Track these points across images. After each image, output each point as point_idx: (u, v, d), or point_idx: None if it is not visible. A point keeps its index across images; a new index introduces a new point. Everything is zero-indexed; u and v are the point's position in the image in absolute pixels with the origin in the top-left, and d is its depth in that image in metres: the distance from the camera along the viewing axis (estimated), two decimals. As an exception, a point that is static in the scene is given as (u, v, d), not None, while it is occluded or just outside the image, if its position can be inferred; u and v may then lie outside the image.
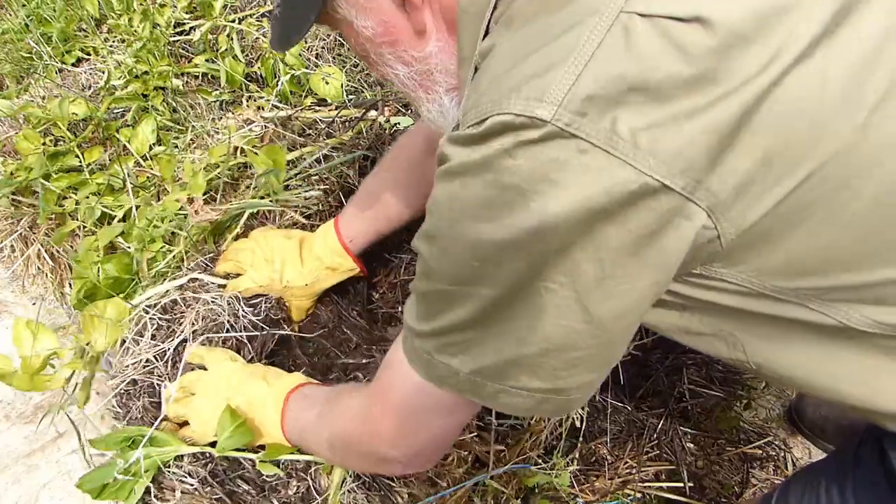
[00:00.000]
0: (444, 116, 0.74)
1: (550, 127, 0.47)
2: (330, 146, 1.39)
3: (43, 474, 1.30)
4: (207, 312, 1.10)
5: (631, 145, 0.47)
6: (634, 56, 0.47)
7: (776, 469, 1.23)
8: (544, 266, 0.51)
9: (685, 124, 0.47)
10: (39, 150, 1.46)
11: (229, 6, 1.80)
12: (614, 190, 0.47)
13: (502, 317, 0.56)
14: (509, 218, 0.50)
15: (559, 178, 0.48)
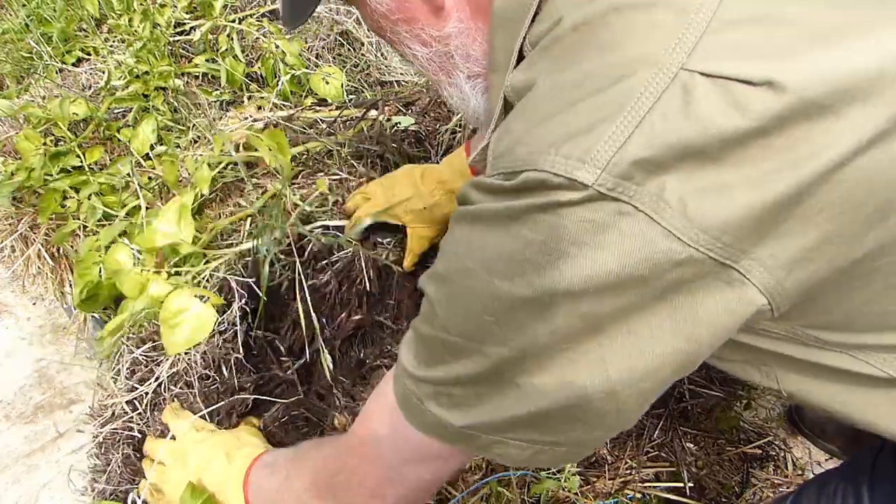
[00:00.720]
0: (466, 103, 0.70)
1: (591, 191, 0.44)
2: (334, 142, 1.39)
3: (43, 474, 1.30)
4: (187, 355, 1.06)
5: (679, 214, 0.43)
6: (692, 120, 0.43)
7: (776, 469, 1.23)
8: (566, 329, 0.48)
9: (739, 193, 0.43)
10: (40, 151, 1.46)
11: (229, 6, 1.80)
12: (655, 259, 0.44)
13: (509, 377, 0.51)
14: (535, 276, 0.46)
15: (596, 241, 0.44)
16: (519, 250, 0.47)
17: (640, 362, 0.49)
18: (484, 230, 0.50)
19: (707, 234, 0.43)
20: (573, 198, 0.44)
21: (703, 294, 0.46)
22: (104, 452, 1.04)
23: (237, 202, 1.34)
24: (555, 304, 0.47)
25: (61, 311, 1.55)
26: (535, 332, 0.48)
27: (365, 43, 1.70)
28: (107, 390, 1.09)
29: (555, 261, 0.46)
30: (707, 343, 0.48)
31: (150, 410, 1.03)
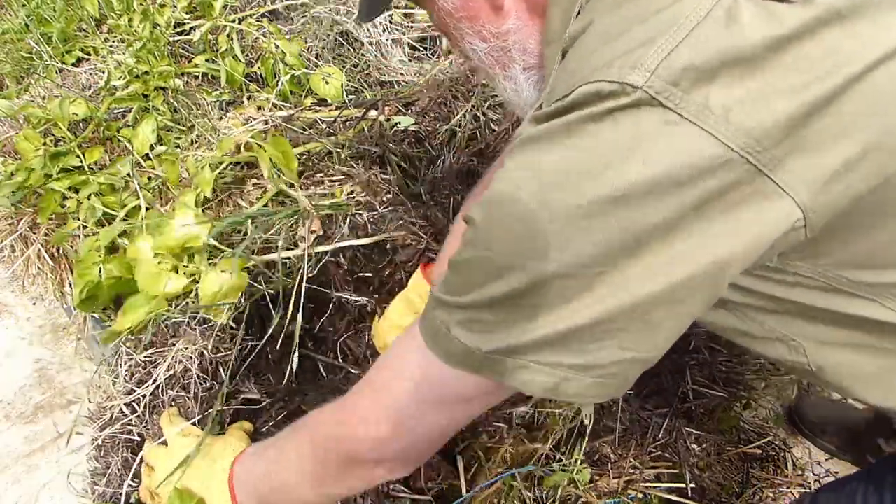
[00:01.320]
0: (519, 94, 0.74)
1: (641, 94, 0.46)
2: (334, 142, 1.39)
3: (43, 474, 1.30)
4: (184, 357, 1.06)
5: (722, 119, 0.45)
6: (734, 34, 0.46)
7: (776, 469, 1.23)
8: (608, 242, 0.49)
9: (777, 100, 0.46)
10: (40, 151, 1.46)
11: (229, 6, 1.80)
12: (700, 164, 0.46)
13: (544, 295, 0.52)
14: (584, 184, 0.48)
15: (642, 147, 0.46)
16: (571, 159, 0.49)
17: (676, 278, 0.49)
18: (538, 149, 0.51)
19: (748, 137, 0.45)
20: (623, 103, 0.47)
21: (741, 204, 0.47)
22: (103, 455, 1.04)
23: (237, 202, 1.34)
24: (600, 214, 0.48)
25: (61, 311, 1.55)
26: (579, 245, 0.49)
27: (365, 43, 1.70)
28: (105, 392, 1.09)
29: (602, 167, 0.48)
30: (741, 259, 0.49)
31: (149, 413, 1.03)
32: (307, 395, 1.13)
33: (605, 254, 0.49)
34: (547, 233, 0.50)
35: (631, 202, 0.47)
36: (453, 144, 1.42)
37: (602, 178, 0.47)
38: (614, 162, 0.47)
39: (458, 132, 1.44)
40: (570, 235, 0.49)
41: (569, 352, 0.53)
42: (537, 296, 0.52)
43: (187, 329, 1.09)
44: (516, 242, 0.52)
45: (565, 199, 0.49)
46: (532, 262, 0.51)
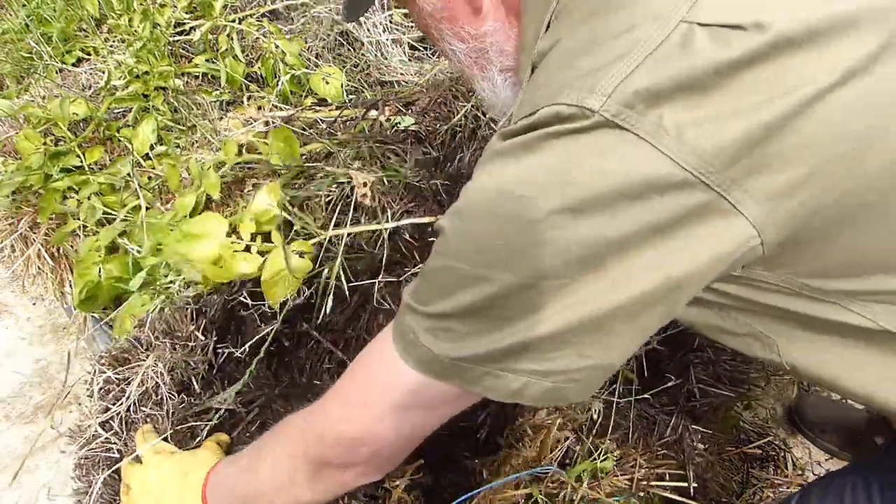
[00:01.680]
0: (497, 95, 0.76)
1: (598, 117, 0.48)
2: (334, 142, 1.39)
3: (43, 474, 1.30)
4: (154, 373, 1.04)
5: (675, 140, 0.47)
6: (688, 59, 0.48)
7: (776, 469, 1.23)
8: (567, 254, 0.51)
9: (729, 122, 0.48)
10: (40, 151, 1.46)
11: (229, 6, 1.80)
12: (654, 181, 0.48)
13: (511, 306, 0.54)
14: (543, 199, 0.50)
15: (599, 165, 0.49)
16: (530, 175, 0.51)
17: (632, 293, 0.52)
18: (501, 164, 0.54)
19: (701, 158, 0.47)
20: (581, 125, 0.49)
21: (696, 223, 0.49)
22: (85, 475, 1.02)
23: (237, 202, 1.34)
24: (559, 227, 0.50)
25: (61, 311, 1.55)
26: (539, 257, 0.51)
27: (365, 43, 1.70)
28: (85, 409, 1.07)
29: (561, 183, 0.50)
30: (697, 277, 0.52)
31: (125, 430, 1.01)
32: (288, 400, 1.12)
33: (565, 266, 0.51)
34: (509, 244, 0.52)
35: (588, 216, 0.49)
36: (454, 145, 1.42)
37: (560, 193, 0.50)
38: (572, 177, 0.49)
39: (459, 132, 1.44)
40: (530, 247, 0.52)
41: (532, 360, 0.56)
42: (502, 307, 0.54)
43: (157, 342, 1.07)
44: (481, 254, 0.54)
45: (526, 212, 0.51)
46: (496, 273, 0.53)
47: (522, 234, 0.52)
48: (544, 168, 0.51)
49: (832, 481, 0.78)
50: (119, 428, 1.02)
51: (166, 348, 1.06)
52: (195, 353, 1.07)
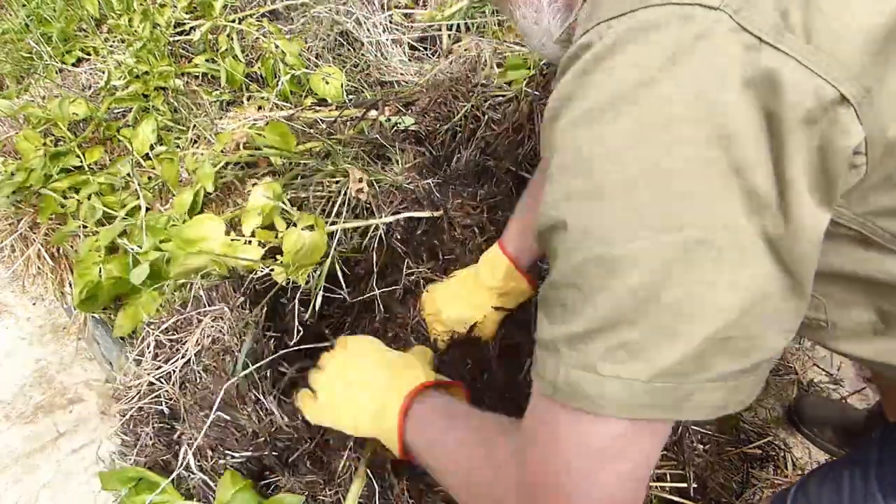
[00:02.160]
0: (539, 23, 0.65)
1: (718, 14, 0.42)
2: (334, 142, 1.39)
3: (43, 474, 1.30)
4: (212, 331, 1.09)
5: (803, 42, 0.42)
6: None
7: (776, 469, 1.23)
8: (728, 195, 0.43)
9: (857, 20, 0.42)
10: (40, 151, 1.46)
11: (229, 6, 1.80)
12: (786, 96, 0.42)
13: (681, 275, 0.44)
14: (684, 134, 0.43)
15: (727, 80, 0.42)
16: (661, 114, 0.43)
17: (800, 217, 0.44)
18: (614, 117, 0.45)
19: (839, 65, 0.42)
20: (698, 30, 0.42)
21: (839, 137, 0.43)
22: (132, 428, 1.06)
23: (237, 201, 1.34)
24: (706, 155, 0.43)
25: (61, 311, 1.55)
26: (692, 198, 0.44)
27: (365, 43, 1.70)
28: (129, 373, 1.11)
29: (703, 105, 0.43)
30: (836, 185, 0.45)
31: (180, 386, 1.05)
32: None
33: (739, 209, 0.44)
34: (659, 192, 0.44)
35: (737, 135, 0.43)
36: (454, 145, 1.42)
37: (703, 120, 0.43)
38: (710, 100, 0.42)
39: (459, 132, 1.44)
40: (679, 189, 0.44)
41: (733, 355, 0.46)
42: (672, 280, 0.44)
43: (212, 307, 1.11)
44: (625, 222, 0.45)
45: (668, 153, 0.43)
46: (644, 242, 0.44)
47: (666, 179, 0.43)
48: (670, 102, 0.43)
49: (829, 470, 0.79)
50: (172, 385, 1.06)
51: (224, 310, 1.09)
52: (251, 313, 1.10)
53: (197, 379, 1.05)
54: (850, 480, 0.74)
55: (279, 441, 0.98)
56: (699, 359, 0.45)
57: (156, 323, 1.12)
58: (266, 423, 0.98)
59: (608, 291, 0.46)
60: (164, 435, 1.04)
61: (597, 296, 0.46)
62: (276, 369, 1.08)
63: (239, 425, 0.99)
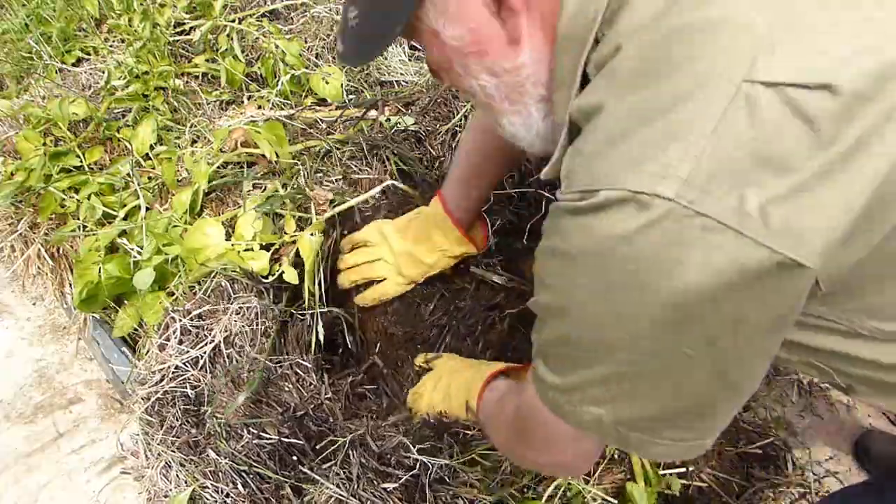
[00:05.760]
0: (530, 128, 0.71)
1: (673, 205, 0.46)
2: (334, 142, 1.39)
3: (43, 474, 1.30)
4: (238, 318, 1.12)
5: (761, 224, 0.45)
6: (758, 129, 0.46)
7: (776, 469, 1.23)
8: (683, 335, 0.51)
9: (814, 197, 0.46)
10: (40, 151, 1.46)
11: (229, 6, 1.80)
12: (747, 268, 0.46)
13: (641, 378, 0.55)
14: (638, 297, 0.50)
15: (685, 257, 0.47)
16: (622, 281, 0.51)
17: (755, 361, 0.54)
18: (581, 270, 0.53)
19: (797, 241, 0.46)
20: (655, 216, 0.47)
21: (788, 287, 0.49)
22: (158, 410, 1.09)
23: (236, 201, 1.34)
24: (664, 318, 0.50)
25: (61, 311, 1.55)
26: (654, 341, 0.52)
27: (365, 43, 1.70)
28: (153, 359, 1.13)
29: (655, 280, 0.49)
30: (788, 324, 0.53)
31: (210, 368, 1.10)
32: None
33: (673, 343, 0.52)
34: (622, 335, 0.53)
35: (692, 303, 0.49)
36: (454, 145, 1.42)
37: (654, 292, 0.49)
38: (661, 274, 0.48)
39: (459, 132, 1.44)
40: (640, 335, 0.52)
41: (681, 429, 0.58)
42: (636, 379, 0.56)
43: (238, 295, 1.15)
44: (594, 341, 0.56)
45: (627, 310, 0.51)
46: (617, 354, 0.55)
47: (629, 328, 0.52)
48: (629, 273, 0.50)
49: (863, 493, 0.78)
50: (200, 369, 1.11)
51: (252, 297, 1.14)
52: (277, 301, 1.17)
53: (227, 361, 1.09)
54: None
55: (314, 423, 1.03)
56: (648, 425, 0.58)
57: (180, 311, 1.14)
58: (307, 398, 1.06)
59: (581, 372, 0.59)
60: (190, 415, 1.07)
61: (572, 373, 0.60)
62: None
63: (280, 401, 1.05)
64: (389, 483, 0.95)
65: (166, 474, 1.04)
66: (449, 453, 0.99)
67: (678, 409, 0.56)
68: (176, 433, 1.05)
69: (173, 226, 1.27)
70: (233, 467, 0.99)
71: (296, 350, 1.14)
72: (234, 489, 0.99)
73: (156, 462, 1.05)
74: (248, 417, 1.02)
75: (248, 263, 1.16)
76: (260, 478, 0.99)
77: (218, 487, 0.99)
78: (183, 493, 1.00)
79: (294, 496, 0.98)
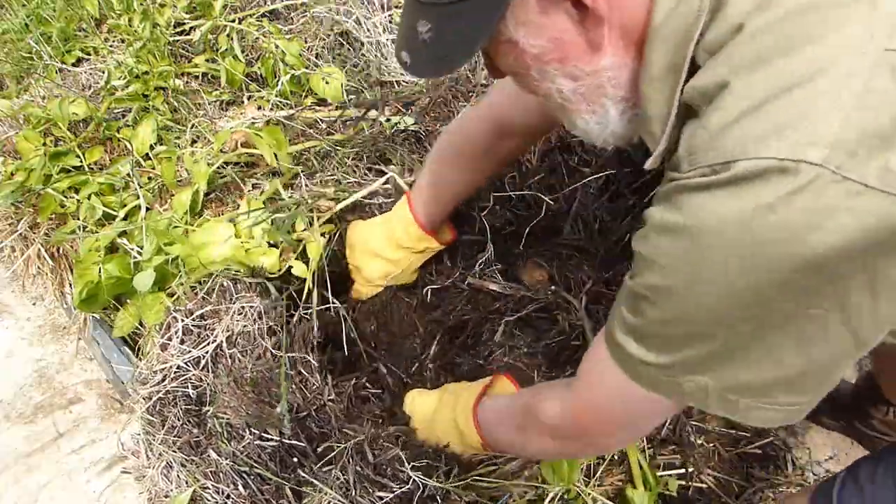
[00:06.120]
0: (605, 126, 0.72)
1: (820, 170, 0.47)
2: (333, 142, 1.39)
3: (43, 474, 1.30)
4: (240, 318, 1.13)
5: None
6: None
7: (776, 469, 1.23)
8: (815, 297, 0.52)
9: None
10: (40, 151, 1.46)
11: (229, 6, 1.80)
12: (892, 227, 0.47)
13: (758, 345, 0.56)
14: (777, 264, 0.50)
15: (830, 224, 0.47)
16: (763, 251, 0.50)
17: (886, 320, 0.53)
18: (714, 249, 0.53)
19: None
20: (801, 182, 0.47)
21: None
22: (159, 410, 1.10)
23: (236, 202, 1.34)
24: (800, 281, 0.50)
25: (61, 311, 1.55)
26: (783, 308, 0.53)
27: (365, 43, 1.70)
28: (154, 359, 1.14)
29: (795, 247, 0.49)
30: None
31: (212, 368, 1.10)
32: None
33: (804, 307, 0.53)
34: (748, 307, 0.54)
35: (831, 265, 0.49)
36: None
37: (795, 258, 0.49)
38: (803, 243, 0.49)
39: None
40: (769, 304, 0.53)
41: (796, 393, 0.59)
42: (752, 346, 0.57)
43: (241, 294, 1.16)
44: (713, 317, 0.56)
45: (761, 280, 0.51)
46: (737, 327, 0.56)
47: (758, 297, 0.52)
48: (771, 243, 0.50)
49: (879, 461, 0.79)
50: (202, 369, 1.11)
51: (254, 296, 1.15)
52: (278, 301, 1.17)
53: (230, 361, 1.10)
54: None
55: (316, 424, 1.04)
56: (761, 389, 0.59)
57: (182, 310, 1.14)
58: (310, 399, 1.06)
59: (689, 349, 0.60)
60: (192, 415, 1.07)
61: (679, 351, 0.60)
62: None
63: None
64: (385, 493, 0.95)
65: (167, 474, 1.05)
66: (445, 471, 0.99)
67: (802, 371, 0.57)
68: (177, 433, 1.06)
69: (174, 226, 1.28)
70: (234, 468, 0.99)
71: (301, 349, 1.14)
72: (235, 490, 0.99)
73: (157, 462, 1.05)
74: (250, 417, 1.02)
75: (258, 260, 1.18)
76: (261, 479, 0.99)
77: (219, 488, 0.99)
78: (184, 494, 1.00)
79: (294, 499, 0.98)
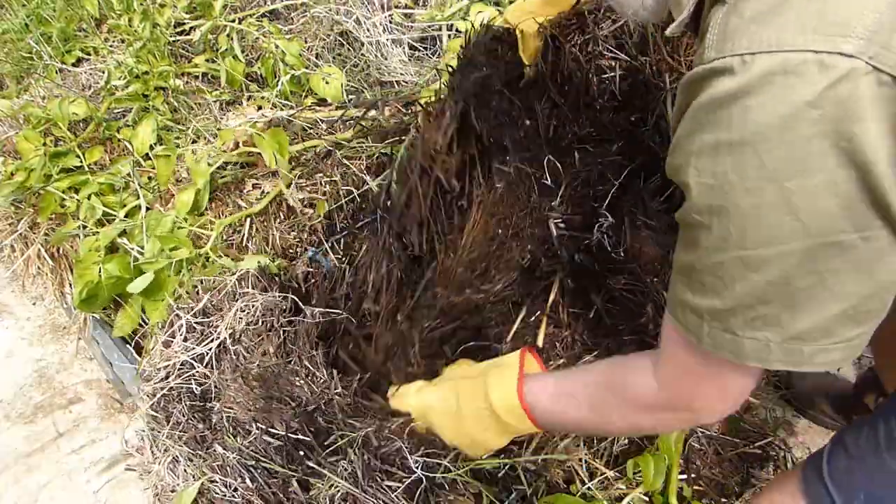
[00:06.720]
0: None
1: (855, 62, 0.46)
2: (334, 142, 1.39)
3: (43, 474, 1.30)
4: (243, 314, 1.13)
5: None
6: None
7: (776, 469, 1.23)
8: (862, 209, 0.50)
9: None
10: (40, 151, 1.46)
11: (229, 6, 1.80)
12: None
13: (817, 270, 0.53)
14: (821, 165, 0.49)
15: (867, 115, 0.47)
16: (807, 149, 0.49)
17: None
18: (758, 150, 0.51)
19: None
20: (839, 75, 0.46)
21: None
22: (163, 406, 1.09)
23: (236, 202, 1.34)
24: (846, 184, 0.49)
25: (61, 311, 1.55)
26: (832, 216, 0.50)
27: (365, 43, 1.70)
28: (157, 356, 1.13)
29: (839, 144, 0.48)
30: None
31: (216, 364, 1.09)
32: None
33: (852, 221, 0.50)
34: (799, 213, 0.51)
35: (873, 166, 0.48)
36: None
37: (840, 156, 0.48)
38: (845, 138, 0.48)
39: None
40: (818, 210, 0.51)
41: (861, 323, 0.56)
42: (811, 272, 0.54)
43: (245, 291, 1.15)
44: (766, 234, 0.53)
45: (807, 183, 0.50)
46: (791, 244, 0.53)
47: (808, 203, 0.50)
48: (815, 138, 0.48)
49: (863, 423, 0.79)
50: (206, 365, 1.11)
51: (256, 293, 1.13)
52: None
53: (234, 358, 1.09)
54: (884, 424, 0.74)
55: (324, 418, 1.02)
56: (826, 328, 0.56)
57: (185, 308, 1.14)
58: (318, 393, 1.05)
59: (746, 281, 0.56)
60: (197, 411, 1.07)
61: (736, 284, 0.57)
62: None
63: (294, 396, 1.04)
64: (394, 482, 0.95)
65: (174, 469, 1.04)
66: (451, 460, 0.97)
67: (868, 295, 0.54)
68: (183, 428, 1.05)
69: (178, 227, 1.27)
70: (240, 462, 0.99)
71: (306, 344, 1.13)
72: (243, 483, 0.98)
73: (162, 457, 1.05)
74: (258, 412, 1.02)
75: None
76: (267, 472, 0.99)
77: (226, 482, 0.99)
78: (192, 487, 0.99)
79: (301, 491, 0.98)
